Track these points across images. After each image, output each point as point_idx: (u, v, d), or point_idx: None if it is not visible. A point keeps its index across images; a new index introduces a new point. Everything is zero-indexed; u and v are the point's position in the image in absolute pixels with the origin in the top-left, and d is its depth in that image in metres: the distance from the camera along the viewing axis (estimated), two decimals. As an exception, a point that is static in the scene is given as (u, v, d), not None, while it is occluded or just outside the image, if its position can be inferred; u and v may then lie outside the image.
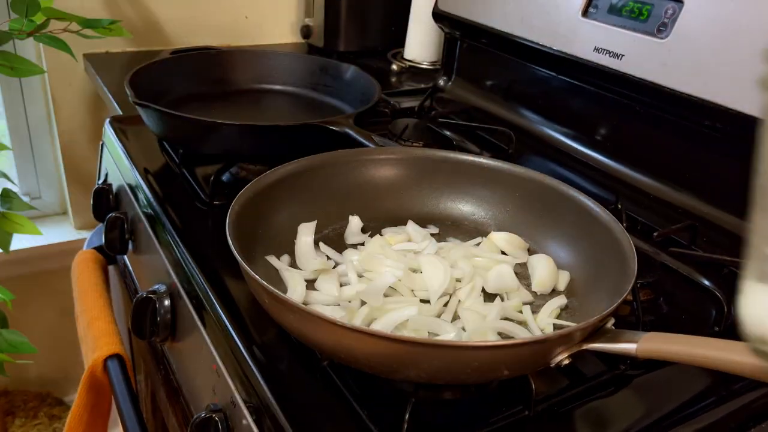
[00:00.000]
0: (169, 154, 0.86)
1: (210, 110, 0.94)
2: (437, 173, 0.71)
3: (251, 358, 0.52)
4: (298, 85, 1.02)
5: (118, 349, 0.74)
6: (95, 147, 1.35)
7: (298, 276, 0.58)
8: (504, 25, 0.96)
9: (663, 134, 0.80)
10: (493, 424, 0.49)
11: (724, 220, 0.73)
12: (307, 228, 0.65)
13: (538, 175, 0.67)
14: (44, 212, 1.50)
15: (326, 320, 0.44)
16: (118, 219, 0.85)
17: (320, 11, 1.38)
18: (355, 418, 0.48)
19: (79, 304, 0.84)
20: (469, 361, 0.43)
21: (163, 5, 1.33)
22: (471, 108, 1.07)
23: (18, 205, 1.10)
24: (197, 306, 0.62)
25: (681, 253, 0.69)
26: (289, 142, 0.76)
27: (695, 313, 0.63)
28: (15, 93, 1.36)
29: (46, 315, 1.49)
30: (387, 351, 0.43)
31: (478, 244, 0.67)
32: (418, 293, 0.59)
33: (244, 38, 1.44)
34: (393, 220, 0.70)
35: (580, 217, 0.62)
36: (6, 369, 1.08)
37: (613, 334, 0.47)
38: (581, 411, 0.51)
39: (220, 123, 0.73)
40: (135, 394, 0.71)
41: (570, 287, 0.61)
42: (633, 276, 0.51)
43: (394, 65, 1.35)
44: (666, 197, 0.79)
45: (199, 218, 0.73)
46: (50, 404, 1.56)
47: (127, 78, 0.83)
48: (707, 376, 0.55)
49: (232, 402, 0.53)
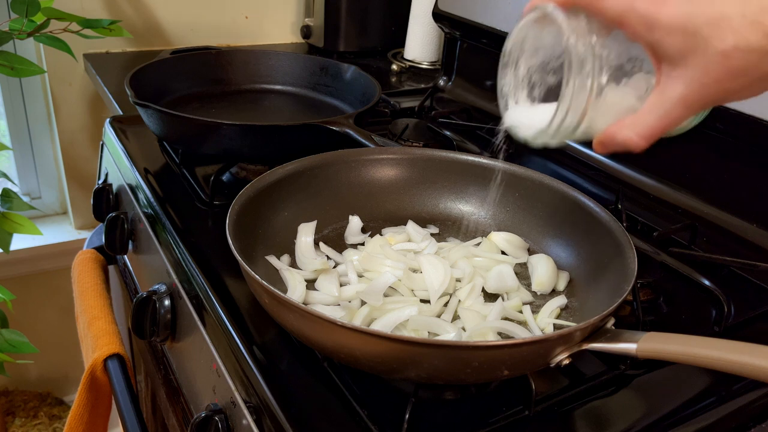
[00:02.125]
0: (169, 154, 0.86)
1: (210, 110, 0.94)
2: (437, 173, 0.71)
3: (251, 358, 0.52)
4: (298, 85, 1.02)
5: (118, 349, 0.75)
6: (95, 147, 1.35)
7: (298, 276, 0.58)
8: (504, 25, 0.96)
9: (663, 134, 0.80)
10: (493, 424, 0.49)
11: (724, 220, 0.73)
12: (307, 228, 0.65)
13: (538, 175, 0.67)
14: (44, 212, 1.50)
15: (326, 320, 0.44)
16: (118, 219, 0.85)
17: (320, 11, 1.38)
18: (355, 418, 0.48)
19: (79, 304, 0.84)
20: (469, 361, 0.43)
21: (163, 5, 1.33)
22: (471, 108, 1.07)
23: (18, 205, 1.10)
24: (197, 306, 0.62)
25: (681, 253, 0.69)
26: (289, 142, 0.76)
27: (695, 313, 0.63)
28: (15, 93, 1.36)
29: (46, 315, 1.49)
30: (387, 351, 0.43)
31: (478, 244, 0.67)
32: (418, 293, 0.59)
33: (244, 38, 1.44)
34: (393, 220, 0.70)
35: (580, 217, 0.62)
36: (6, 369, 1.08)
37: (613, 334, 0.47)
38: (581, 411, 0.51)
39: (220, 123, 0.73)
40: (135, 394, 0.71)
41: (570, 287, 0.61)
42: (633, 276, 0.51)
43: (394, 65, 1.35)
44: (666, 197, 0.79)
45: (199, 218, 0.73)
46: (50, 404, 1.56)
47: (127, 78, 0.83)
48: (707, 376, 0.55)
49: (232, 402, 0.53)
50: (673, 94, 0.40)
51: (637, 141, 0.42)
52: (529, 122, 0.48)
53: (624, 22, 0.40)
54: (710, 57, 0.37)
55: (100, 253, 0.93)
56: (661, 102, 0.40)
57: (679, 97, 0.39)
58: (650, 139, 0.42)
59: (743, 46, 0.36)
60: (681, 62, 0.38)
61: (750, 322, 0.63)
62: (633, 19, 0.39)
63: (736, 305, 0.63)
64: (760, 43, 0.36)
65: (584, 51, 0.42)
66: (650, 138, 0.42)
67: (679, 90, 0.39)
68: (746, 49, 0.36)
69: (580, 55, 0.42)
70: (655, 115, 0.41)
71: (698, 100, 0.39)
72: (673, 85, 0.39)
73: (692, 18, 0.37)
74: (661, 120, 0.41)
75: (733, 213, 0.73)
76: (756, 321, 0.63)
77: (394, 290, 0.59)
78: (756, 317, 0.64)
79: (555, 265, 0.62)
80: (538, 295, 0.61)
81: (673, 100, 0.40)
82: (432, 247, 0.65)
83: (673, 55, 0.39)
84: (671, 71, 0.39)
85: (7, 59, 1.01)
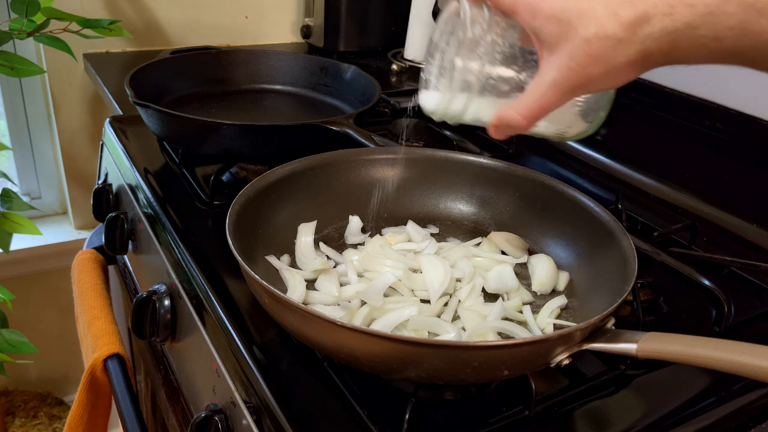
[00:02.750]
0: (169, 154, 0.86)
1: (210, 110, 0.94)
2: (437, 173, 0.71)
3: (251, 358, 0.52)
4: (298, 85, 1.02)
5: (118, 349, 0.75)
6: (95, 147, 1.35)
7: (298, 276, 0.58)
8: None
9: (663, 134, 0.80)
10: (493, 424, 0.49)
11: (724, 220, 0.73)
12: (307, 228, 0.65)
13: (538, 175, 0.67)
14: (44, 212, 1.50)
15: (326, 320, 0.44)
16: (118, 219, 0.85)
17: (320, 11, 1.38)
18: (355, 418, 0.48)
19: (79, 304, 0.84)
20: (469, 361, 0.43)
21: (163, 5, 1.33)
22: (471, 108, 1.07)
23: (18, 205, 1.10)
24: (197, 306, 0.62)
25: (681, 253, 0.69)
26: (289, 142, 0.76)
27: (695, 313, 0.63)
28: (15, 93, 1.36)
29: (46, 315, 1.49)
30: (387, 351, 0.43)
31: (478, 244, 0.67)
32: (418, 293, 0.59)
33: (244, 38, 1.44)
34: (393, 220, 0.70)
35: (580, 217, 0.62)
36: (6, 369, 1.08)
37: (613, 334, 0.47)
38: (581, 411, 0.51)
39: (220, 123, 0.73)
40: (135, 394, 0.71)
41: (570, 287, 0.61)
42: (633, 276, 0.51)
43: (394, 65, 1.35)
44: (666, 197, 0.79)
45: (199, 218, 0.73)
46: (50, 404, 1.56)
47: (127, 78, 0.83)
48: (707, 376, 0.55)
49: (232, 402, 0.53)
50: (548, 77, 0.43)
51: (519, 120, 0.45)
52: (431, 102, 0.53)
53: (515, 10, 0.44)
54: (575, 43, 0.41)
55: (100, 253, 0.93)
56: (539, 85, 0.44)
57: (552, 81, 0.43)
58: (530, 118, 0.45)
59: (601, 34, 0.40)
60: (555, 48, 0.43)
61: (750, 322, 0.63)
62: (521, 6, 0.44)
63: (736, 305, 0.63)
64: (615, 31, 0.40)
65: (478, 35, 0.47)
66: (530, 118, 0.45)
67: (552, 74, 0.43)
68: (604, 36, 0.40)
69: (474, 37, 0.46)
70: (533, 96, 0.44)
71: (566, 83, 0.43)
72: (548, 70, 0.43)
73: (567, 8, 0.42)
74: (538, 101, 0.44)
75: (733, 213, 0.73)
76: (756, 321, 0.63)
77: (394, 290, 0.59)
78: (756, 317, 0.64)
79: (555, 265, 0.62)
80: (538, 295, 0.61)
81: (547, 83, 0.43)
82: (432, 247, 0.65)
83: (550, 41, 0.43)
84: (549, 57, 0.43)
85: (7, 59, 1.01)
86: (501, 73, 0.48)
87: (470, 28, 0.47)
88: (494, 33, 0.47)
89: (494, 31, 0.47)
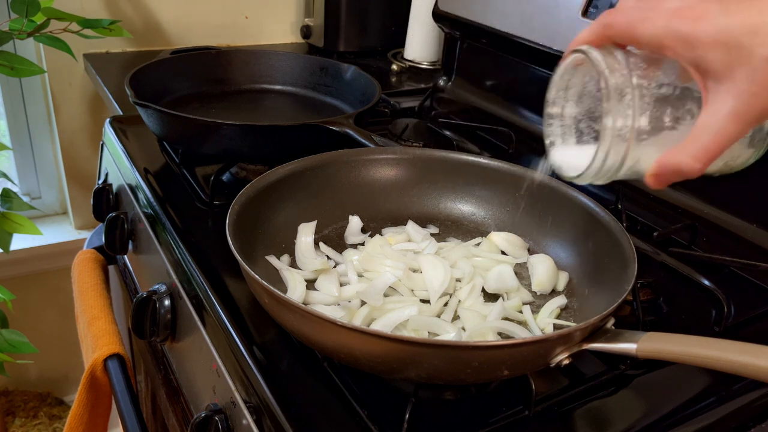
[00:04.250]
0: (169, 154, 0.86)
1: (210, 110, 0.94)
2: (437, 173, 0.71)
3: (251, 358, 0.52)
4: (298, 85, 1.02)
5: (118, 349, 0.75)
6: (95, 147, 1.35)
7: (298, 276, 0.58)
8: (504, 25, 0.96)
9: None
10: (493, 424, 0.49)
11: (724, 220, 0.73)
12: (307, 228, 0.65)
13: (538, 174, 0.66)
14: (44, 212, 1.50)
15: (326, 320, 0.44)
16: (118, 219, 0.85)
17: (320, 11, 1.38)
18: (355, 418, 0.48)
19: (79, 304, 0.84)
20: (469, 361, 0.43)
21: (163, 5, 1.33)
22: (471, 108, 1.07)
23: (18, 205, 1.10)
24: (197, 306, 0.62)
25: (681, 253, 0.69)
26: (289, 142, 0.76)
27: (695, 313, 0.63)
28: (15, 93, 1.36)
29: (46, 315, 1.49)
30: (387, 351, 0.43)
31: (478, 244, 0.67)
32: (418, 293, 0.59)
33: (244, 38, 1.44)
34: (393, 220, 0.70)
35: (580, 217, 0.62)
36: (6, 369, 1.08)
37: (613, 334, 0.47)
38: (581, 411, 0.51)
39: (220, 123, 0.73)
40: (135, 394, 0.71)
41: (570, 287, 0.61)
42: (633, 276, 0.51)
43: (394, 65, 1.35)
44: (666, 197, 0.79)
45: (199, 218, 0.73)
46: (50, 404, 1.56)
47: (127, 78, 0.83)
48: (707, 376, 0.55)
49: (232, 402, 0.53)
50: (724, 109, 0.38)
51: (692, 163, 0.40)
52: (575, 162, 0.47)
53: (663, 44, 0.39)
54: (755, 65, 0.37)
55: (100, 253, 0.93)
56: (713, 119, 0.39)
57: (731, 111, 0.38)
58: (706, 160, 0.40)
59: None
60: (727, 76, 0.38)
61: (750, 322, 0.63)
62: (671, 40, 0.39)
63: (736, 305, 0.63)
64: None
65: (622, 83, 0.41)
66: (706, 159, 0.40)
67: (729, 104, 0.38)
68: None
69: (618, 86, 0.41)
70: (708, 133, 0.39)
71: (750, 111, 0.38)
72: (723, 100, 0.38)
73: (730, 29, 0.37)
74: (715, 138, 0.39)
75: (733, 213, 0.73)
76: (756, 321, 0.63)
77: (394, 290, 0.59)
78: (756, 317, 0.64)
79: (555, 265, 0.62)
80: (538, 295, 0.61)
81: (725, 115, 0.38)
82: (432, 247, 0.65)
83: (718, 69, 0.38)
84: (718, 87, 0.38)
85: (7, 59, 1.01)
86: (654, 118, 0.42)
87: (610, 77, 0.41)
88: (637, 76, 0.42)
89: (636, 74, 0.42)
